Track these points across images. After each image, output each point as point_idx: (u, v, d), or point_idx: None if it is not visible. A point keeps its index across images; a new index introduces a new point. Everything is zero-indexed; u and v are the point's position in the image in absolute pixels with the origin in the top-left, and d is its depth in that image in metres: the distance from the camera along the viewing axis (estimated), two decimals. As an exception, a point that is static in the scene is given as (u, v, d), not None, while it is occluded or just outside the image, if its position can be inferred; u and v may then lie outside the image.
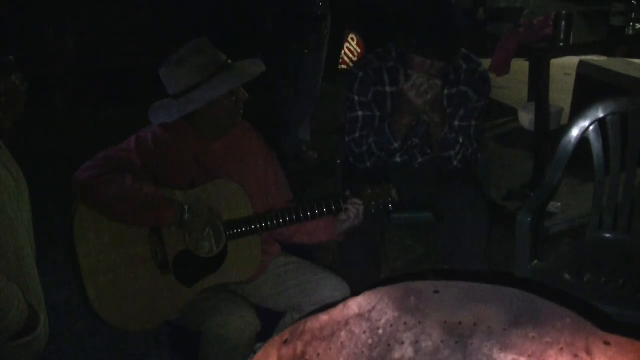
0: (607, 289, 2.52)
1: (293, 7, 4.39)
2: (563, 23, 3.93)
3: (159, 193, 2.28)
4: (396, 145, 2.90)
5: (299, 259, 2.63)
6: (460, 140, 2.89)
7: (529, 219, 2.61)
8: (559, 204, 4.00)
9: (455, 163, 2.93)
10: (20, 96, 1.93)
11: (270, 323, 2.47)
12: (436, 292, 1.16)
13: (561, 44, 3.97)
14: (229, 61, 2.43)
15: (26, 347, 1.87)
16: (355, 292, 1.21)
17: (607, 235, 2.85)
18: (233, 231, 2.40)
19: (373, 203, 2.53)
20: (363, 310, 1.14)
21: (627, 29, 4.16)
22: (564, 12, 3.97)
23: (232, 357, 2.26)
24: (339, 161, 3.23)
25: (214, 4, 4.02)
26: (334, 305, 1.15)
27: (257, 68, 2.45)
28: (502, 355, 1.13)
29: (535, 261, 2.67)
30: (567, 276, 2.62)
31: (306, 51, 4.53)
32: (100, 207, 2.27)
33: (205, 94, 2.35)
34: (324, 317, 1.12)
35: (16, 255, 1.84)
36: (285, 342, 1.07)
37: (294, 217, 2.45)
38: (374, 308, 1.14)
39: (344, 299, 1.16)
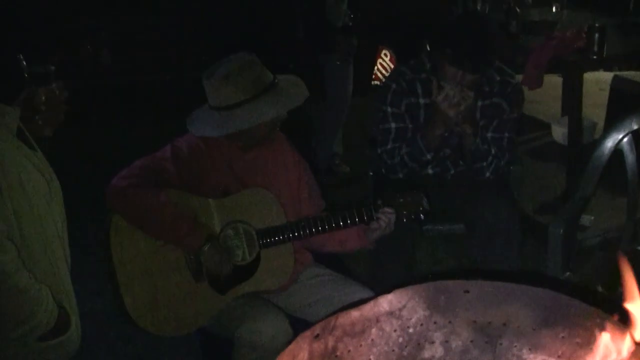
0: (641, 302, 2.49)
1: (323, 18, 4.43)
2: (596, 35, 3.91)
3: (187, 219, 2.31)
4: (428, 156, 2.91)
5: (330, 271, 2.64)
6: (493, 151, 2.90)
7: (561, 230, 2.59)
8: (592, 217, 3.95)
9: (487, 174, 2.93)
10: (60, 105, 1.97)
11: (301, 332, 2.47)
12: (466, 291, 1.17)
13: (594, 57, 3.95)
14: (275, 80, 2.44)
15: (57, 348, 1.90)
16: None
17: (641, 248, 2.82)
18: (266, 240, 2.42)
19: (404, 212, 2.52)
20: (394, 308, 1.15)
21: (662, 42, 4.13)
22: (597, 25, 3.95)
23: (264, 364, 2.28)
24: (371, 173, 3.24)
25: (244, 16, 4.08)
26: (364, 301, 1.16)
27: (302, 92, 2.47)
28: (531, 355, 1.14)
29: (568, 273, 2.65)
30: (600, 289, 2.59)
31: (338, 62, 4.56)
32: (129, 219, 2.32)
33: (252, 115, 2.36)
34: (355, 313, 1.14)
35: (47, 257, 1.87)
36: (317, 337, 1.08)
37: (326, 225, 2.46)
38: (404, 306, 1.15)
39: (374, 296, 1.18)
